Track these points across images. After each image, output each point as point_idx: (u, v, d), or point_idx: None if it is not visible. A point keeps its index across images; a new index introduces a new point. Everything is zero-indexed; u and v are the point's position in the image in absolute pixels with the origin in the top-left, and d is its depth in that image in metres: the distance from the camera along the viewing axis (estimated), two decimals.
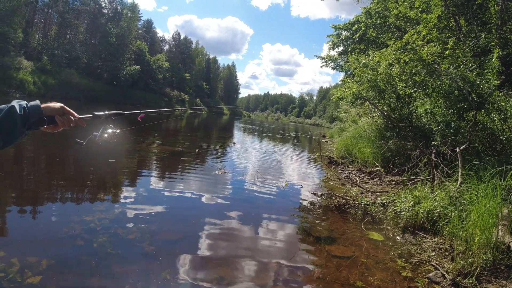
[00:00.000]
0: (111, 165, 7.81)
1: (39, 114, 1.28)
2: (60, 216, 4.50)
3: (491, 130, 6.78)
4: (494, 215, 3.74)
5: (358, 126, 13.76)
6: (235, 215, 5.33)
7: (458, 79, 6.69)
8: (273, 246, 4.30)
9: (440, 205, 4.73)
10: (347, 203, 6.22)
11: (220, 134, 23.68)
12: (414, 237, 4.67)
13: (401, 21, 14.11)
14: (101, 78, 53.22)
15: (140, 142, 11.42)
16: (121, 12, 61.81)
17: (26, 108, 1.23)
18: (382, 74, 9.33)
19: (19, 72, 36.42)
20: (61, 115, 1.37)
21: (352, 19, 21.39)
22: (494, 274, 3.43)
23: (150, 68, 63.82)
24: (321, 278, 3.55)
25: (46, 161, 7.84)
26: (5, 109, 1.17)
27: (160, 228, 4.46)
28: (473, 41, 9.31)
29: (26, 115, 1.23)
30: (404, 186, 6.54)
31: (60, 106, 1.37)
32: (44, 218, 4.39)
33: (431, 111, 7.77)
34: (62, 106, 1.37)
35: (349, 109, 19.87)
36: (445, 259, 4.00)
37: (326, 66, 24.14)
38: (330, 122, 67.61)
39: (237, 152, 13.33)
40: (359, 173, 9.47)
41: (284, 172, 9.91)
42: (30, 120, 1.24)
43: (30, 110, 1.25)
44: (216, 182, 7.37)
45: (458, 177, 5.41)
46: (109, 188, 6.12)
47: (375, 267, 3.81)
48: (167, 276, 3.23)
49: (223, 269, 3.53)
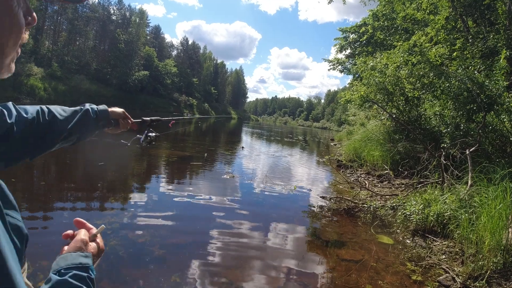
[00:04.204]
0: (120, 170, 7.90)
1: (107, 117, 1.42)
2: (71, 219, 4.56)
3: (501, 132, 6.73)
4: (504, 218, 3.71)
5: (367, 129, 13.69)
6: (244, 219, 5.35)
7: (466, 80, 6.66)
8: (282, 250, 4.31)
9: (450, 208, 4.70)
10: (356, 207, 6.21)
11: (228, 139, 23.76)
12: (424, 240, 4.65)
13: (408, 23, 14.08)
14: (110, 84, 53.84)
15: (149, 147, 11.52)
16: (130, 19, 62.57)
17: (97, 111, 1.37)
18: (390, 77, 9.30)
19: (29, 78, 36.95)
20: (123, 119, 1.51)
21: (359, 21, 21.37)
22: (504, 277, 3.40)
23: (158, 73, 64.42)
24: (330, 281, 3.56)
25: (57, 166, 7.96)
26: (82, 111, 1.31)
27: (170, 232, 4.51)
28: (481, 42, 9.25)
29: (98, 118, 1.37)
30: (414, 189, 6.51)
31: (122, 111, 1.51)
32: (55, 221, 4.46)
33: (440, 113, 7.73)
34: (123, 111, 1.51)
35: (357, 112, 19.79)
36: (455, 262, 3.97)
37: (333, 69, 24.18)
38: (339, 126, 67.38)
39: (245, 156, 13.37)
40: (368, 176, 9.44)
41: (293, 175, 9.92)
42: (99, 122, 1.39)
43: (100, 113, 1.38)
44: (225, 186, 7.41)
45: (468, 179, 5.37)
46: (119, 192, 6.20)
47: (385, 271, 3.80)
48: (177, 280, 3.27)
49: (232, 272, 3.56)
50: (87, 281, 0.78)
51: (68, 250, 0.85)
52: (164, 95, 64.75)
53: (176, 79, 70.59)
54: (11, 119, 1.01)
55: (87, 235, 0.92)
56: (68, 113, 1.27)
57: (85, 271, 0.80)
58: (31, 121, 1.10)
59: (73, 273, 0.76)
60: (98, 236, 0.97)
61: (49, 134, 1.17)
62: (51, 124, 1.17)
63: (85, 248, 0.87)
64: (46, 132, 1.15)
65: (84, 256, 0.83)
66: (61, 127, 1.21)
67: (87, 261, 0.82)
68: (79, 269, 0.79)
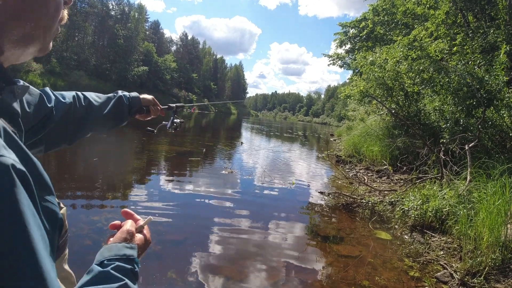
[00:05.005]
0: (118, 165, 7.88)
1: (139, 104, 1.48)
2: (68, 216, 4.54)
3: (500, 127, 6.69)
4: (503, 214, 3.68)
5: (366, 124, 13.66)
6: (241, 215, 5.33)
7: (466, 75, 6.62)
8: (280, 246, 4.29)
9: (448, 204, 4.68)
10: (354, 202, 6.19)
11: (228, 134, 23.73)
12: (423, 236, 4.63)
13: (409, 18, 14.01)
14: (109, 80, 53.75)
15: (148, 143, 11.50)
16: (129, 14, 62.29)
17: (130, 98, 1.43)
18: (389, 72, 9.25)
19: (28, 74, 36.91)
20: (153, 106, 1.56)
21: (359, 16, 21.23)
22: (503, 273, 3.38)
23: (158, 69, 64.30)
24: (327, 277, 3.54)
25: (54, 160, 7.93)
26: (115, 97, 1.36)
27: (166, 228, 4.48)
28: (481, 37, 9.19)
29: (130, 104, 1.42)
30: (413, 184, 6.48)
31: (152, 98, 1.55)
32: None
33: (439, 108, 7.69)
34: (153, 98, 1.56)
35: (357, 107, 19.74)
36: (454, 258, 3.95)
37: (333, 64, 24.03)
38: (339, 121, 67.32)
39: (244, 151, 13.35)
40: (367, 171, 9.41)
41: (292, 171, 9.89)
42: (132, 109, 1.44)
43: (132, 100, 1.44)
44: (223, 181, 7.38)
45: (467, 175, 5.34)
46: (116, 188, 6.17)
47: (382, 267, 3.78)
48: (173, 275, 3.25)
49: (228, 268, 3.54)
50: (130, 274, 0.74)
51: (113, 241, 0.81)
52: (163, 90, 64.71)
53: (175, 75, 70.49)
54: (50, 103, 1.04)
55: (134, 226, 0.88)
56: (102, 99, 1.32)
57: (129, 263, 0.76)
58: (69, 106, 1.12)
59: (116, 264, 0.73)
60: (145, 228, 0.93)
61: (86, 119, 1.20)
62: (87, 110, 1.21)
63: (131, 239, 0.83)
64: (83, 117, 1.18)
65: (130, 248, 0.79)
66: (97, 113, 1.25)
67: (132, 252, 0.79)
68: (123, 260, 0.75)
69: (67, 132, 1.14)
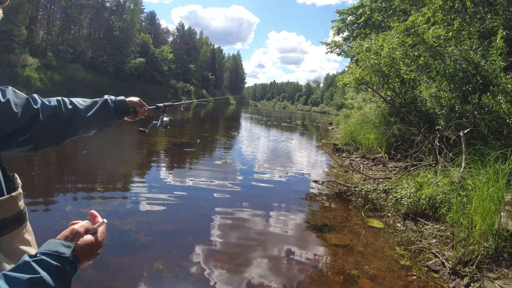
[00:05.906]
0: (112, 157, 7.80)
1: (125, 106, 1.53)
2: (54, 208, 4.49)
3: (497, 113, 6.59)
4: (496, 201, 3.60)
5: (362, 112, 13.55)
6: (233, 204, 5.27)
7: (462, 60, 6.49)
8: (270, 236, 4.24)
9: (442, 191, 4.61)
10: (348, 190, 6.13)
11: (226, 124, 23.63)
12: (415, 224, 4.58)
13: (406, 4, 13.79)
14: (106, 72, 53.24)
15: (145, 134, 11.38)
16: (124, 5, 61.47)
17: (116, 101, 1.48)
18: (385, 58, 9.12)
19: (25, 69, 36.50)
20: (139, 107, 1.63)
21: (357, 3, 20.92)
22: (496, 262, 3.31)
23: (155, 60, 63.63)
24: (316, 266, 3.49)
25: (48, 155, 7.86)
26: (101, 102, 1.41)
27: (157, 219, 4.44)
28: (478, 22, 9.03)
29: (116, 107, 1.47)
30: (407, 172, 6.41)
31: (138, 100, 1.63)
32: (45, 211, 4.38)
33: (435, 95, 7.58)
34: (139, 99, 1.64)
35: (354, 95, 19.59)
36: (446, 246, 3.89)
37: (331, 52, 23.77)
38: (338, 109, 66.94)
39: (240, 141, 13.28)
40: (363, 159, 9.34)
41: (288, 160, 9.83)
42: (119, 111, 1.49)
43: (118, 103, 1.49)
44: (216, 172, 7.32)
45: (462, 161, 5.26)
46: (107, 180, 6.11)
47: (373, 255, 3.73)
48: (159, 266, 3.21)
49: (218, 257, 3.49)
50: (53, 271, 0.71)
51: (58, 237, 0.82)
52: (161, 82, 64.09)
53: (173, 66, 69.80)
54: (36, 105, 1.14)
55: (85, 227, 0.87)
56: (88, 103, 1.38)
57: (58, 260, 0.74)
58: (54, 108, 1.20)
59: (40, 258, 0.72)
60: (99, 231, 0.91)
61: (72, 121, 1.27)
62: (73, 112, 1.28)
63: (72, 238, 0.82)
64: (69, 119, 1.26)
65: (65, 246, 0.78)
66: (83, 115, 1.32)
67: (65, 250, 0.77)
68: (51, 256, 0.74)
69: (55, 133, 1.21)
